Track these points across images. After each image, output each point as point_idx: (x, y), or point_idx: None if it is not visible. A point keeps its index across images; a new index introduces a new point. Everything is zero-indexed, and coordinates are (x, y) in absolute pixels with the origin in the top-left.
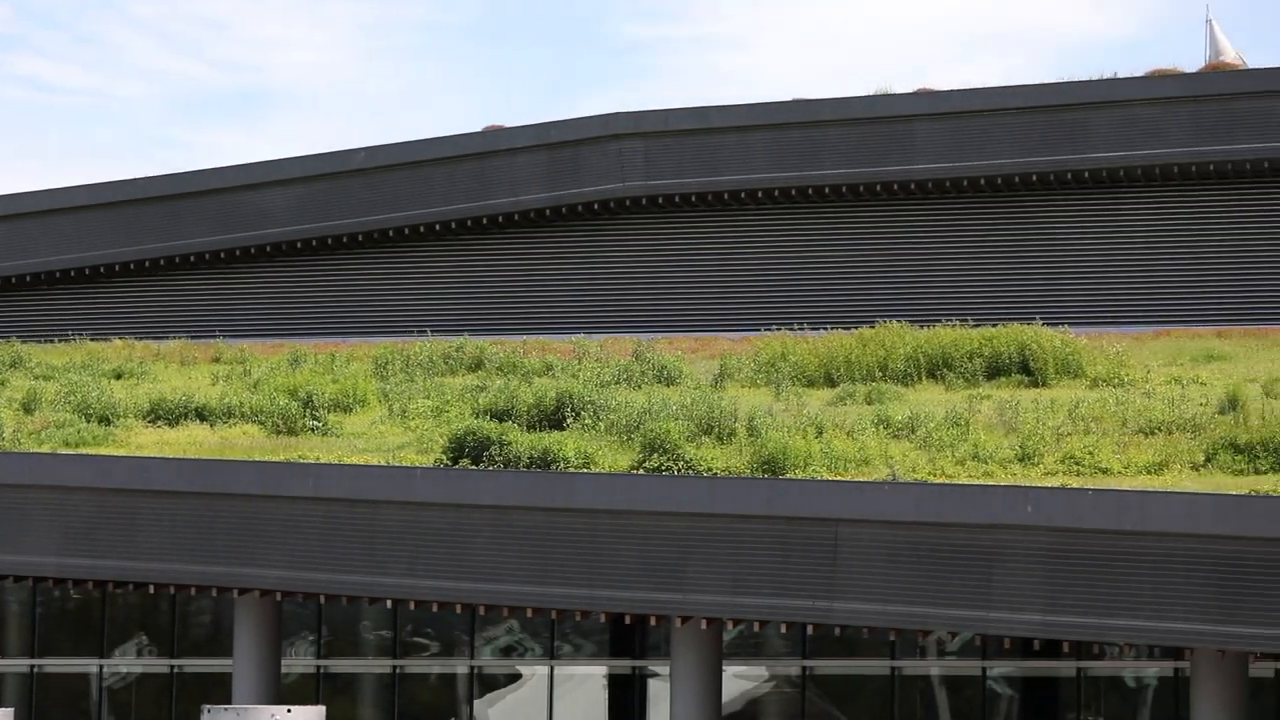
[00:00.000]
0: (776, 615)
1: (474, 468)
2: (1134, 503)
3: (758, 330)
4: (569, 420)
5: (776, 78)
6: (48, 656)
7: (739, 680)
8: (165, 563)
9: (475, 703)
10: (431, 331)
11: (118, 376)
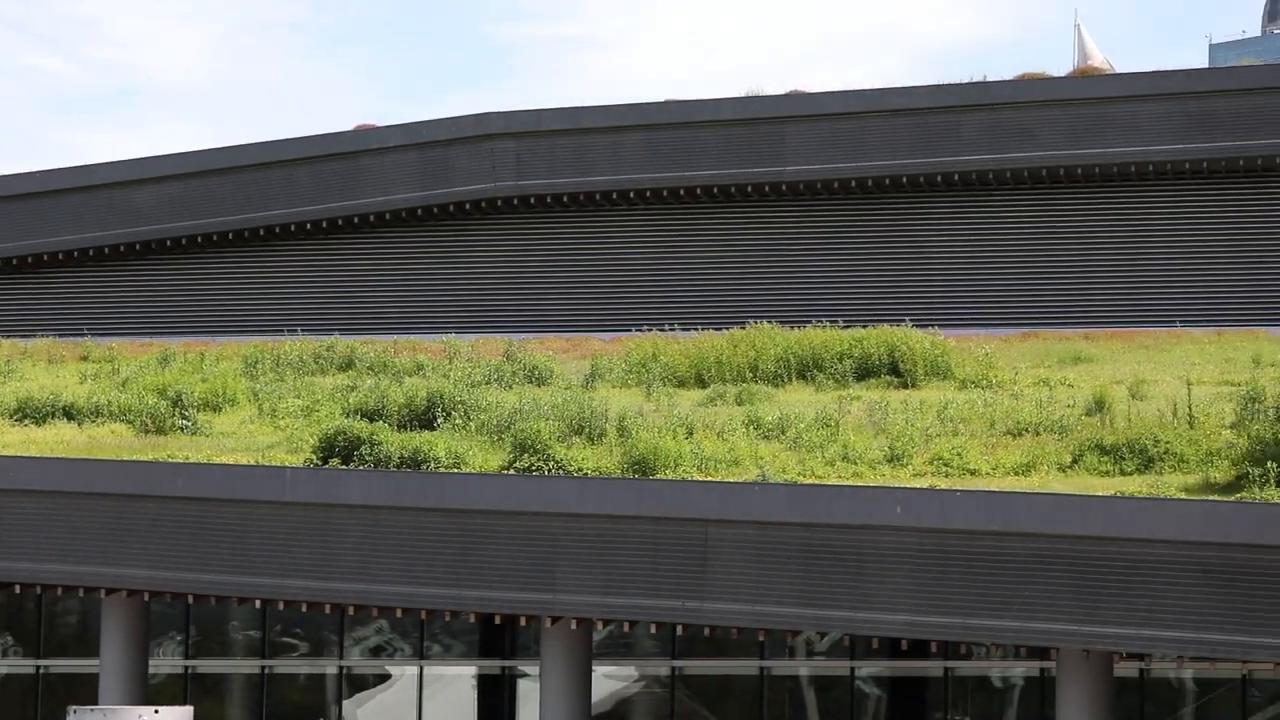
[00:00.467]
0: (646, 615)
1: (344, 467)
2: (1001, 504)
3: (629, 331)
4: (440, 420)
5: (650, 78)
6: None
7: (609, 680)
8: (32, 562)
9: (344, 703)
10: (302, 331)
11: None
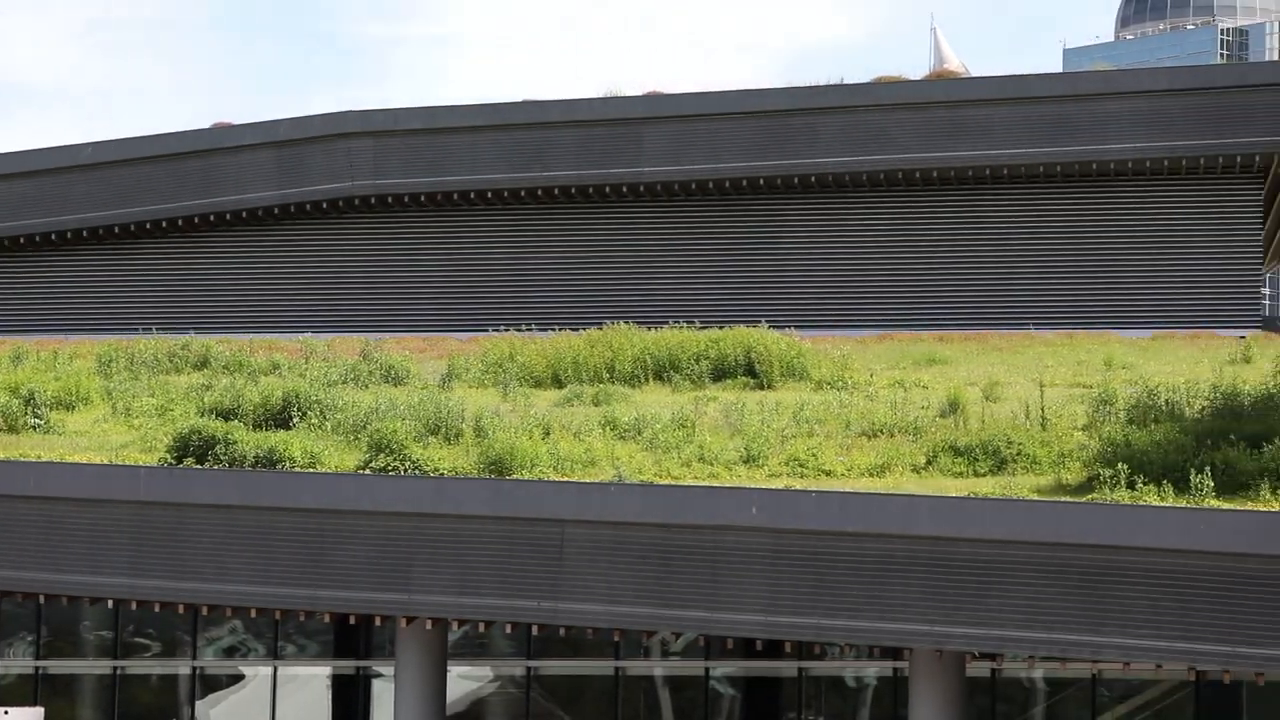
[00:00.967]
0: (502, 616)
1: (198, 467)
2: (855, 504)
3: (485, 330)
4: (295, 420)
5: (508, 78)
6: None
7: (464, 680)
8: None
9: (197, 703)
10: (157, 329)
11: None
